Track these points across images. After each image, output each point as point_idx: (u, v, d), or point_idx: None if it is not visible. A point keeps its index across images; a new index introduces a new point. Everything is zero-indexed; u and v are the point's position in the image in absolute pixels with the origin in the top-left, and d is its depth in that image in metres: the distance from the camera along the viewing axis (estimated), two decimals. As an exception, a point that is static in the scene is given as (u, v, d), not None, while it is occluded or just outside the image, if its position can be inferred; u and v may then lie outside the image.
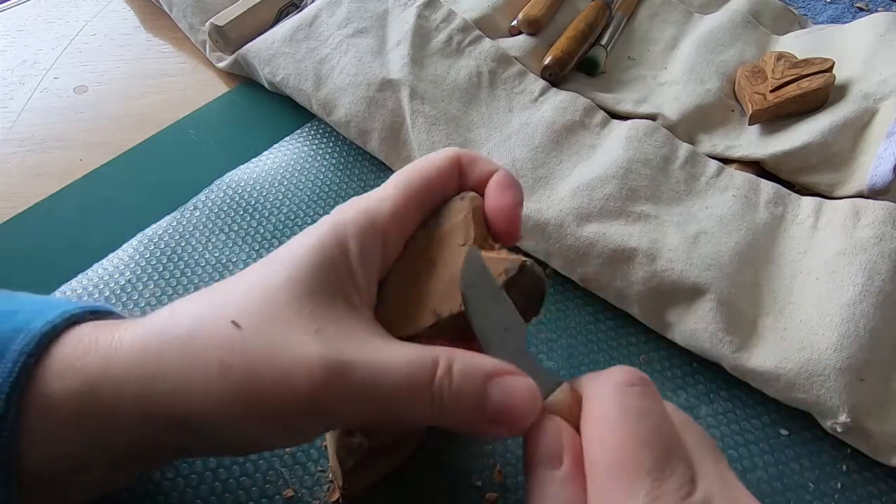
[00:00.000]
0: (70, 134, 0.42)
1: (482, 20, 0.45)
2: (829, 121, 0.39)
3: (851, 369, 0.29)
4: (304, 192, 0.39)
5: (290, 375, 0.19)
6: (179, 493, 0.26)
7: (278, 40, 0.43)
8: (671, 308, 0.33)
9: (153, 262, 0.35)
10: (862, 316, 0.30)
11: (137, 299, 0.33)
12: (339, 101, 0.40)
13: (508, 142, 0.39)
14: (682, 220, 0.35)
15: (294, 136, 0.43)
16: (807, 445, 0.30)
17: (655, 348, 0.34)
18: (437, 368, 0.19)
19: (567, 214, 0.35)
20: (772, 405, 0.31)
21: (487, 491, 0.27)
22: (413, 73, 0.40)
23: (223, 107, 0.45)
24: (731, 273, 0.33)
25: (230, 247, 0.36)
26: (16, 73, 0.46)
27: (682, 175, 0.37)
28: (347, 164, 0.41)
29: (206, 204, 0.38)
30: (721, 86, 0.43)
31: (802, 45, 0.46)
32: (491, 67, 0.42)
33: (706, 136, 0.41)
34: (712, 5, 0.50)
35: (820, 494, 0.29)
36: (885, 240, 0.33)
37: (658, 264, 0.33)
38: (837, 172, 0.38)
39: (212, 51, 0.47)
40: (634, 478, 0.17)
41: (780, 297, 0.33)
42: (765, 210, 0.36)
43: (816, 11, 0.55)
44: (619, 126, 0.40)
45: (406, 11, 0.44)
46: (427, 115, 0.39)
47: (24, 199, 0.38)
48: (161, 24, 0.50)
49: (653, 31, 0.48)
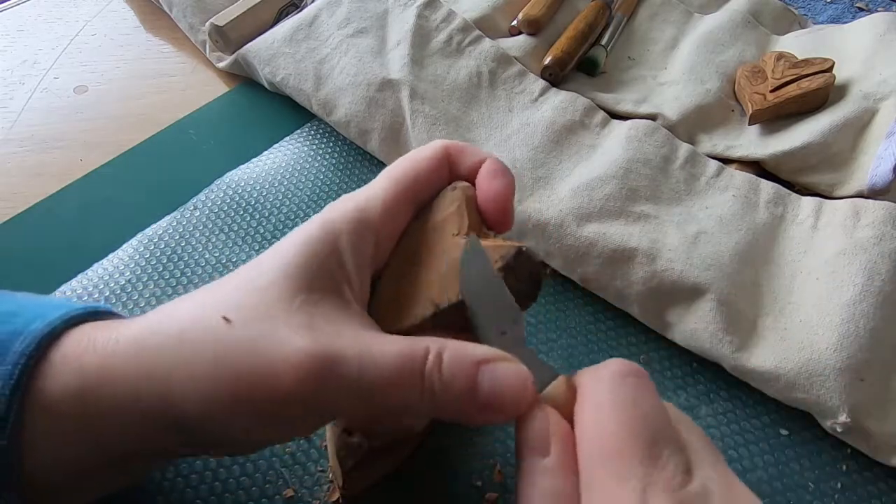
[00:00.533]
0: (70, 134, 0.42)
1: (482, 20, 0.45)
2: (829, 121, 0.39)
3: (851, 369, 0.29)
4: (304, 192, 0.39)
5: (277, 368, 0.19)
6: (179, 493, 0.26)
7: (278, 40, 0.43)
8: (671, 308, 0.33)
9: (153, 262, 0.35)
10: (862, 316, 0.30)
11: (137, 299, 0.33)
12: (339, 101, 0.40)
13: (508, 142, 0.39)
14: (682, 220, 0.35)
15: (294, 136, 0.43)
16: (807, 445, 0.30)
17: (655, 348, 0.34)
18: (428, 357, 0.19)
19: (567, 214, 0.35)
20: (772, 405, 0.31)
21: (487, 491, 0.27)
22: (413, 73, 0.40)
23: (223, 107, 0.45)
24: (731, 273, 0.33)
25: (230, 247, 0.36)
26: (16, 73, 0.46)
27: (682, 175, 0.37)
28: (347, 164, 0.41)
29: (206, 204, 0.38)
30: (721, 86, 0.43)
31: (802, 45, 0.46)
32: (491, 67, 0.42)
33: (706, 136, 0.41)
34: (712, 5, 0.50)
35: (820, 494, 0.29)
36: (885, 240, 0.33)
37: (658, 264, 0.33)
38: (837, 172, 0.38)
39: (212, 51, 0.47)
40: (627, 465, 0.17)
41: (780, 297, 0.33)
42: (765, 210, 0.36)
43: (816, 11, 0.55)
44: (619, 126, 0.40)
45: (406, 11, 0.44)
46: (427, 115, 0.39)
47: (24, 199, 0.38)
48: (161, 24, 0.50)
49: (653, 31, 0.48)
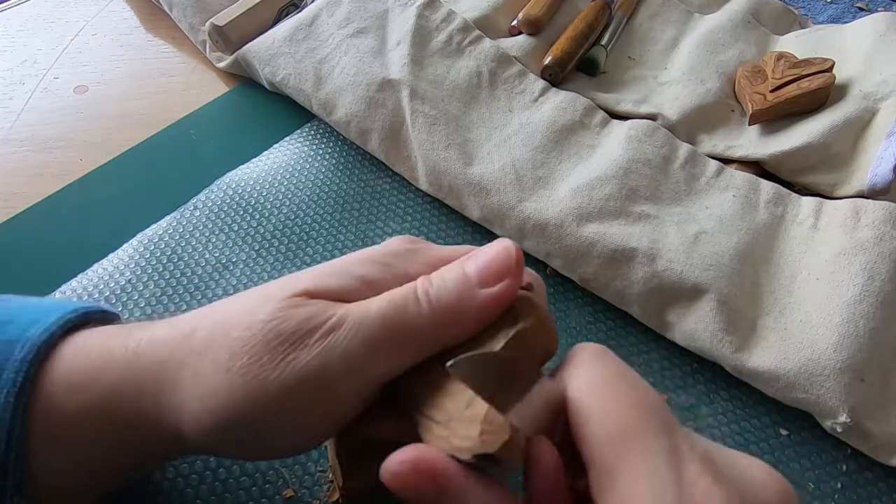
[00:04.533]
0: (70, 134, 0.42)
1: (482, 20, 0.45)
2: (830, 121, 0.39)
3: (851, 369, 0.29)
4: (304, 192, 0.39)
5: None
6: (179, 492, 0.26)
7: (278, 40, 0.43)
8: (671, 308, 0.33)
9: (153, 262, 0.35)
10: (862, 316, 0.30)
11: (137, 299, 0.33)
12: (339, 101, 0.40)
13: (508, 142, 0.39)
14: (682, 220, 0.35)
15: (294, 136, 0.42)
16: (807, 445, 0.30)
17: (655, 348, 0.34)
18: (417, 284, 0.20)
19: (567, 214, 0.35)
20: (772, 405, 0.31)
21: (487, 491, 0.27)
22: (413, 73, 0.40)
23: (223, 107, 0.45)
24: (731, 273, 0.33)
25: (230, 247, 0.36)
26: (16, 73, 0.46)
27: (682, 175, 0.37)
28: (347, 164, 0.41)
29: (206, 204, 0.38)
30: (721, 86, 0.43)
31: (802, 45, 0.46)
32: (491, 67, 0.42)
33: (706, 136, 0.41)
34: (712, 5, 0.50)
35: (820, 494, 0.29)
36: (885, 240, 0.33)
37: (658, 264, 0.33)
38: (837, 172, 0.38)
39: (212, 51, 0.47)
40: (652, 437, 0.16)
41: (780, 297, 0.33)
42: (765, 210, 0.36)
43: (816, 11, 0.55)
44: (619, 126, 0.40)
45: (406, 11, 0.44)
46: (427, 115, 0.39)
47: (24, 199, 0.38)
48: (161, 24, 0.50)
49: (653, 31, 0.48)
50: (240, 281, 0.35)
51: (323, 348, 0.19)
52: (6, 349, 0.20)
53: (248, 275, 0.35)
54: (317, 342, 0.19)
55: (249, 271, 0.35)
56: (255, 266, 0.35)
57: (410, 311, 0.20)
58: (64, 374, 0.20)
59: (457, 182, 0.37)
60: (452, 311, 0.20)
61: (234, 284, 0.34)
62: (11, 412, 0.19)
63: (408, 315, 0.20)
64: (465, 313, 0.20)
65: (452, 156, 0.38)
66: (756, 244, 0.34)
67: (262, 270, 0.35)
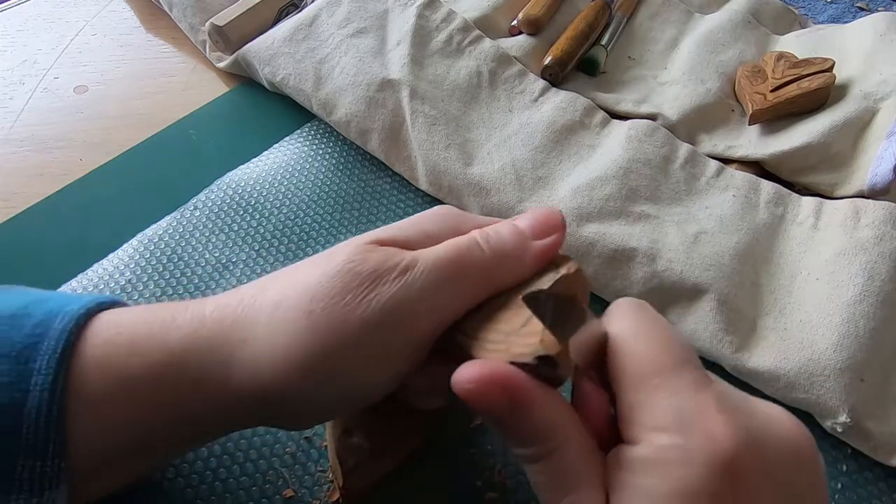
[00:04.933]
0: (70, 134, 0.42)
1: (482, 20, 0.45)
2: (830, 121, 0.39)
3: (851, 369, 0.29)
4: (304, 192, 0.39)
5: None
6: (179, 492, 0.26)
7: (278, 40, 0.43)
8: (671, 308, 0.33)
9: (153, 262, 0.35)
10: (862, 316, 0.30)
11: (137, 299, 0.33)
12: (339, 101, 0.40)
13: (508, 142, 0.39)
14: (682, 220, 0.35)
15: (294, 136, 0.42)
16: (807, 445, 0.30)
17: (655, 348, 0.34)
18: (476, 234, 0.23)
19: (567, 214, 0.35)
20: (772, 405, 0.31)
21: (487, 491, 0.27)
22: (413, 73, 0.40)
23: (223, 107, 0.45)
24: (731, 273, 0.33)
25: (230, 247, 0.36)
26: (16, 73, 0.46)
27: (682, 175, 0.38)
28: (347, 164, 0.41)
29: (206, 204, 0.38)
30: (721, 86, 0.43)
31: (802, 44, 0.46)
32: (491, 67, 0.42)
33: (706, 136, 0.41)
34: (712, 5, 0.50)
35: (820, 494, 0.29)
36: (885, 240, 0.33)
37: (658, 264, 0.33)
38: (837, 172, 0.38)
39: (212, 51, 0.47)
40: (684, 368, 0.18)
41: (780, 297, 0.33)
42: (765, 210, 0.36)
43: (817, 11, 0.55)
44: (619, 126, 0.40)
45: (406, 11, 0.44)
46: (427, 115, 0.39)
47: (24, 199, 0.38)
48: (161, 24, 0.50)
49: (653, 31, 0.48)
50: (240, 281, 0.35)
51: (402, 285, 0.20)
52: (47, 320, 0.21)
53: (248, 275, 0.35)
54: (395, 279, 0.20)
55: (249, 271, 0.35)
56: (255, 266, 0.35)
57: (475, 253, 0.22)
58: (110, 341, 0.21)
59: (457, 182, 0.37)
60: (510, 255, 0.22)
61: (234, 284, 0.34)
62: (53, 375, 0.19)
63: (473, 256, 0.22)
64: (521, 259, 0.22)
65: (452, 156, 0.38)
66: (756, 244, 0.34)
67: (262, 270, 0.35)
